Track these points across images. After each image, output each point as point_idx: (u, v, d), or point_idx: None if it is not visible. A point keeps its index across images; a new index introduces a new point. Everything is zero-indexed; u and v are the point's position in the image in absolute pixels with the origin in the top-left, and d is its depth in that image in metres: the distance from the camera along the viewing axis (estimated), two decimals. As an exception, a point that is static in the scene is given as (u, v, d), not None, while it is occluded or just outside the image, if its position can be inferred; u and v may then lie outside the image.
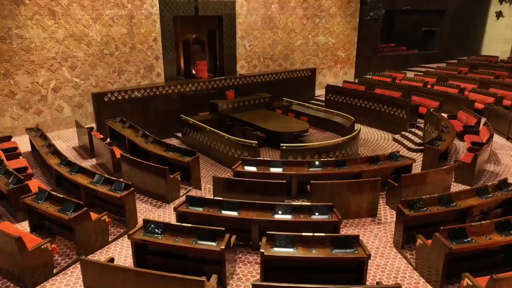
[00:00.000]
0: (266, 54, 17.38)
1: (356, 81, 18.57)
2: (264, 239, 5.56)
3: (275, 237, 5.51)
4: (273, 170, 8.63)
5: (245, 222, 6.55)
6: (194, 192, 9.11)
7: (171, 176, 8.44)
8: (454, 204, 6.80)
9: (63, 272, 6.06)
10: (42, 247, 5.72)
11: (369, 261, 6.39)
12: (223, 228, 5.69)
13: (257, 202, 6.74)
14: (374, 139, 13.36)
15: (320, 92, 17.71)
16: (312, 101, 17.27)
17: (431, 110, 12.62)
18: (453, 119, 12.78)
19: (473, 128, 11.48)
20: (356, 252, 5.38)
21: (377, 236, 7.19)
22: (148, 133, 10.61)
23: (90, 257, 6.50)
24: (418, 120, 13.73)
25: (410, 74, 18.80)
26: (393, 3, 20.82)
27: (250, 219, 6.48)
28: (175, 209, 6.73)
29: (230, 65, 16.51)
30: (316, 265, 5.62)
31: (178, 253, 5.90)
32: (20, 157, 10.00)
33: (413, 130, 13.33)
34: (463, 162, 9.10)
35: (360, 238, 5.62)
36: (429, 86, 16.50)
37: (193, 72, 16.03)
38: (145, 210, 8.21)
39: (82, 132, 11.42)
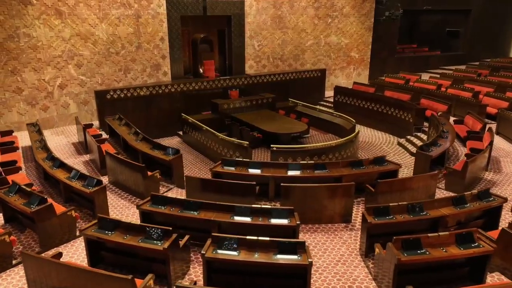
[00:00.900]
0: (275, 54, 17.22)
1: (367, 82, 18.06)
2: (208, 241, 5.49)
3: (219, 239, 5.43)
4: (251, 171, 8.53)
5: (205, 223, 6.50)
6: (175, 191, 9.16)
7: (150, 173, 8.51)
8: (425, 213, 6.47)
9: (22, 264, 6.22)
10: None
11: (329, 268, 6.24)
12: (170, 228, 5.67)
13: (217, 203, 6.67)
14: (378, 142, 12.96)
15: (331, 93, 17.34)
16: (322, 103, 16.99)
17: (437, 113, 12.11)
18: (459, 124, 12.22)
19: (477, 134, 10.87)
20: (299, 258, 5.20)
21: (346, 242, 6.94)
22: (139, 131, 10.75)
23: (54, 250, 6.65)
24: (425, 124, 13.18)
25: (425, 76, 18.09)
26: (413, 2, 20.08)
27: (208, 219, 6.42)
28: (137, 207, 6.77)
29: (239, 65, 16.48)
30: (261, 269, 5.49)
31: (129, 251, 5.93)
32: (18, 151, 10.41)
33: (418, 134, 12.81)
34: (453, 169, 8.65)
35: (309, 243, 5.45)
36: (443, 89, 15.82)
37: (201, 71, 16.12)
38: (122, 207, 8.32)
39: (80, 129, 11.72)
